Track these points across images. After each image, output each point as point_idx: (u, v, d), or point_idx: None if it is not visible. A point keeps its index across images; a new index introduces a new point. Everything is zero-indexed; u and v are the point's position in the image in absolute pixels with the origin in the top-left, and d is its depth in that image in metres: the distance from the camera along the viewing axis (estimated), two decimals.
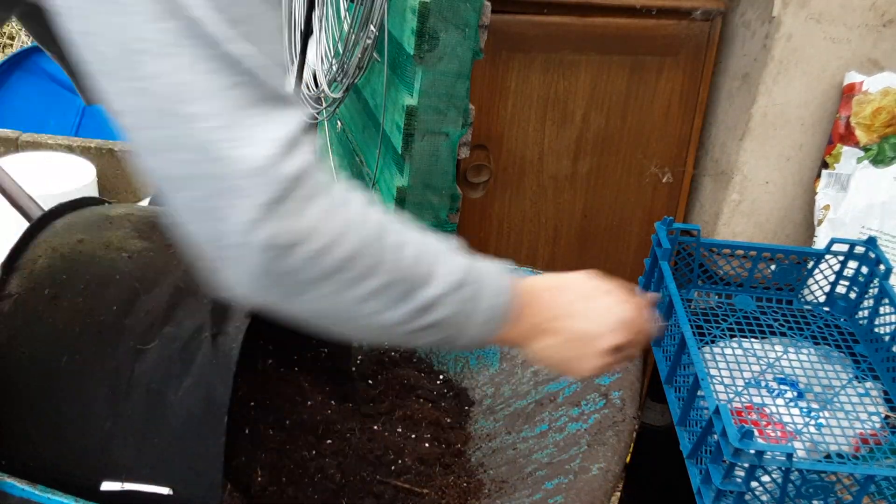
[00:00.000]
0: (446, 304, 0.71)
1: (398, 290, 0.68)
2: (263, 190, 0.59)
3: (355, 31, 1.59)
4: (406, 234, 0.70)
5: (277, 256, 0.61)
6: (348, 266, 0.64)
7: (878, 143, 1.51)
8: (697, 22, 1.60)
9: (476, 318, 0.74)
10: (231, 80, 0.58)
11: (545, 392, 1.21)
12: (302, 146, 0.61)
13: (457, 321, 0.73)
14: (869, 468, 1.02)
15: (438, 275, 0.71)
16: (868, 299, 1.33)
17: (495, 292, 0.76)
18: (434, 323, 0.71)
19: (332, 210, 0.64)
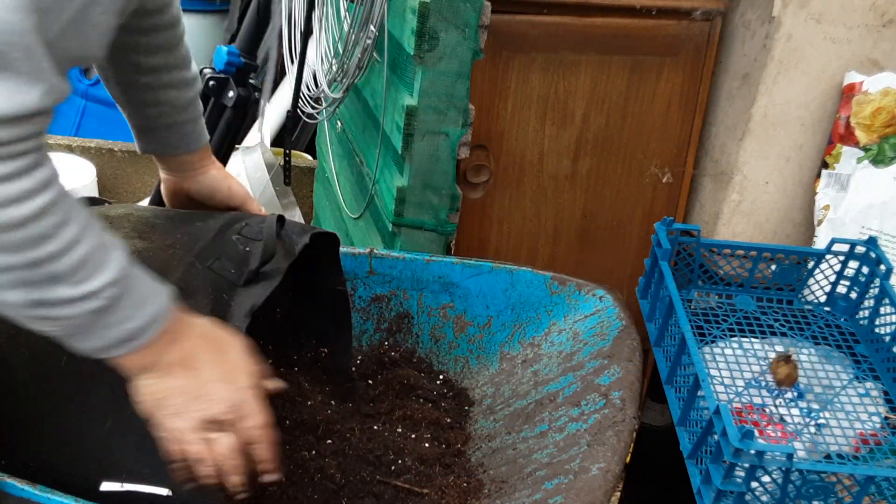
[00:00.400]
0: (74, 308, 0.76)
1: (33, 276, 0.73)
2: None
3: (355, 31, 1.59)
4: (85, 235, 0.76)
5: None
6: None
7: (877, 144, 1.51)
8: (697, 22, 1.60)
9: (111, 334, 0.79)
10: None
11: (545, 392, 1.21)
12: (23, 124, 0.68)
13: (82, 329, 0.78)
14: (869, 469, 1.02)
15: (84, 279, 0.76)
16: (868, 299, 1.33)
17: (137, 317, 0.81)
18: (49, 318, 0.76)
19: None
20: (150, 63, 1.11)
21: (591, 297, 1.27)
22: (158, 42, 1.10)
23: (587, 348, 1.22)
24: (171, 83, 1.13)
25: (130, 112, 1.16)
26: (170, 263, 1.00)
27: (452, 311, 1.37)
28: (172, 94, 1.14)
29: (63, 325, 0.78)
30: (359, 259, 1.37)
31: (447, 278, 1.35)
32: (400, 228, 1.59)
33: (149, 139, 1.17)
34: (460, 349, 1.37)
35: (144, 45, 1.09)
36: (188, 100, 1.16)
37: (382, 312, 1.39)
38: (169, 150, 1.18)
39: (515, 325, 1.33)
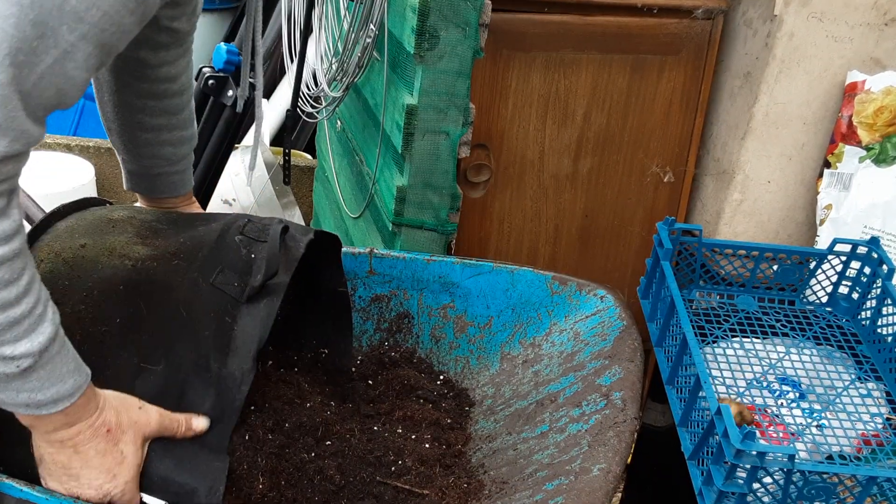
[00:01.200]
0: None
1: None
2: None
3: (355, 29, 1.59)
4: (23, 299, 0.78)
5: None
6: None
7: (880, 143, 1.50)
8: (699, 20, 1.60)
9: (14, 397, 0.82)
10: None
11: (546, 393, 1.21)
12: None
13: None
14: (871, 469, 1.01)
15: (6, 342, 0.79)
16: (871, 300, 1.32)
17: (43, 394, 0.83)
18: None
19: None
20: (153, 123, 1.17)
21: (593, 298, 1.27)
22: (164, 107, 1.17)
23: (588, 348, 1.22)
24: (169, 141, 1.20)
25: (125, 157, 1.23)
26: (173, 279, 1.01)
27: (453, 311, 1.36)
28: (168, 151, 1.21)
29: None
30: (359, 259, 1.36)
31: (448, 278, 1.35)
32: (400, 228, 1.59)
33: (137, 182, 1.24)
34: (461, 349, 1.36)
35: (151, 108, 1.16)
36: (182, 155, 1.23)
37: (382, 312, 1.39)
38: (155, 194, 1.26)
39: (516, 325, 1.33)
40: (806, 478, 0.95)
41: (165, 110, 1.18)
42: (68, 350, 0.86)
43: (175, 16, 1.08)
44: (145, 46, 1.09)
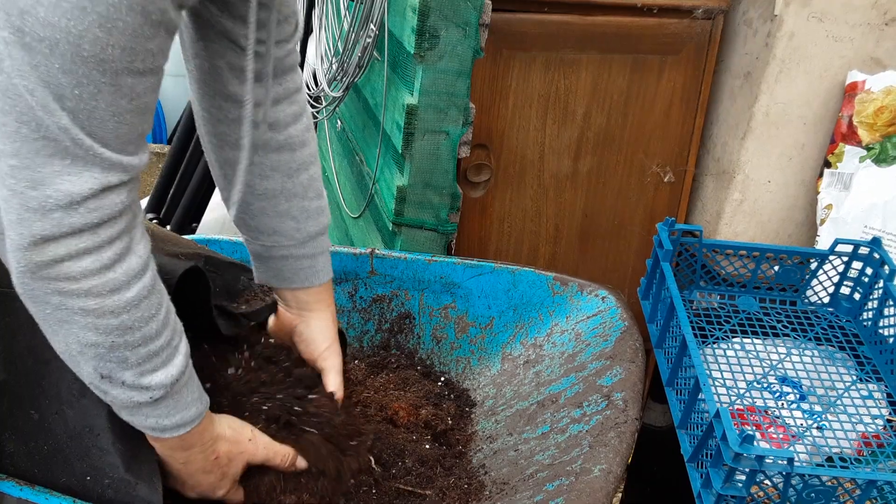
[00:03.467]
0: (126, 393, 0.83)
1: (110, 356, 0.80)
2: (38, 229, 0.73)
3: (355, 29, 1.59)
4: (162, 332, 0.83)
5: (36, 271, 0.75)
6: (94, 313, 0.77)
7: (880, 143, 1.50)
8: (699, 20, 1.59)
9: (143, 421, 0.87)
10: (37, 134, 0.70)
11: (547, 393, 1.21)
12: (89, 203, 0.74)
13: (124, 407, 0.86)
14: (871, 473, 1.01)
15: (146, 371, 0.83)
16: (872, 300, 1.32)
17: (173, 421, 0.88)
18: (104, 391, 0.84)
19: (97, 270, 0.76)
20: (264, 186, 1.04)
21: (594, 298, 1.27)
22: (273, 164, 1.04)
23: (589, 349, 1.22)
24: (289, 213, 1.06)
25: (246, 237, 1.10)
26: None
27: (454, 311, 1.36)
28: (290, 226, 1.07)
29: (113, 401, 0.85)
30: (360, 259, 1.36)
31: (449, 278, 1.35)
32: (400, 228, 1.59)
33: (263, 268, 1.11)
34: (462, 350, 1.36)
35: (257, 166, 1.03)
36: (308, 234, 1.08)
37: (384, 313, 1.39)
38: (281, 284, 1.11)
39: (517, 325, 1.33)
40: (805, 481, 0.95)
41: (276, 168, 1.04)
42: (194, 379, 0.90)
43: (262, 39, 0.94)
44: (231, 76, 0.97)
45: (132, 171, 0.77)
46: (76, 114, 0.70)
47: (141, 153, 0.78)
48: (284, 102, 1.04)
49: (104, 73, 0.70)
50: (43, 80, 0.68)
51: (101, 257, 0.75)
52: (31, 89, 0.68)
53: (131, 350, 0.81)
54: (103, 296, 0.76)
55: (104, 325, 0.78)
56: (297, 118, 1.05)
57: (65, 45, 0.67)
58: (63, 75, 0.69)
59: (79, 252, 0.74)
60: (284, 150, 1.04)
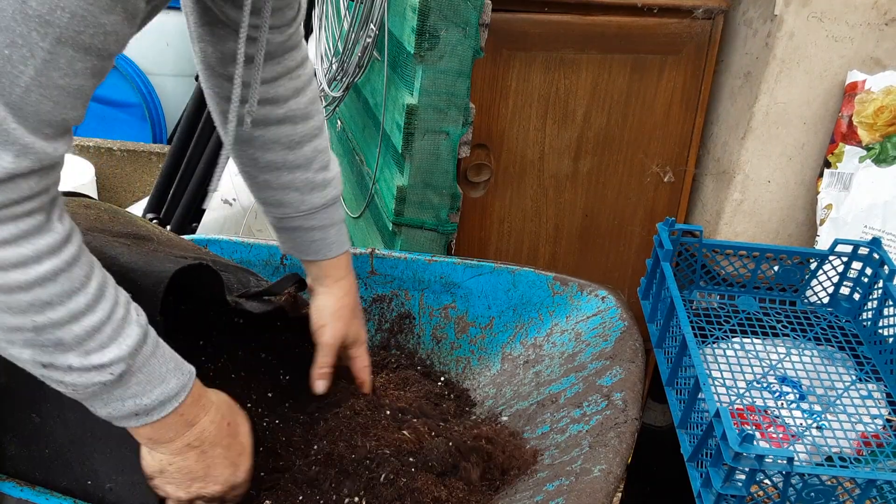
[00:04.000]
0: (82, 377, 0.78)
1: (41, 340, 0.75)
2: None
3: (355, 29, 1.59)
4: (97, 307, 0.77)
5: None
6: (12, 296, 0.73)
7: (880, 143, 1.50)
8: (699, 20, 1.59)
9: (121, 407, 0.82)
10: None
11: (547, 393, 1.21)
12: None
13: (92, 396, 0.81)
14: (871, 472, 1.01)
15: (92, 350, 0.78)
16: (872, 301, 1.32)
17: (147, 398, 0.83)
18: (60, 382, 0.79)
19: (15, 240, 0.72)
20: (267, 159, 1.06)
21: (594, 298, 1.27)
22: (274, 137, 1.05)
23: (589, 349, 1.22)
24: (292, 185, 1.07)
25: (261, 209, 1.12)
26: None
27: (454, 311, 1.36)
28: (294, 197, 1.08)
29: (74, 390, 0.80)
30: (360, 259, 1.36)
31: (449, 278, 1.35)
32: (400, 228, 1.59)
33: (282, 238, 1.13)
34: (462, 350, 1.36)
35: (259, 140, 1.04)
36: (313, 205, 1.09)
37: (384, 313, 1.39)
38: (299, 255, 1.13)
39: (517, 325, 1.33)
40: (805, 480, 0.95)
41: (277, 141, 1.05)
42: (163, 350, 0.85)
43: (257, 24, 0.94)
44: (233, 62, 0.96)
45: (46, 160, 0.71)
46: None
47: (58, 142, 0.72)
48: (284, 78, 1.05)
49: (44, 36, 0.65)
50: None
51: (5, 233, 0.71)
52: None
53: (62, 329, 0.75)
54: (5, 270, 0.71)
55: (15, 302, 0.72)
56: (299, 92, 1.06)
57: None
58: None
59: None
60: (285, 123, 1.05)
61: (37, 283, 0.73)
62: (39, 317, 0.74)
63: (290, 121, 1.06)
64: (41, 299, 0.74)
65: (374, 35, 1.57)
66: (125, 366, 0.80)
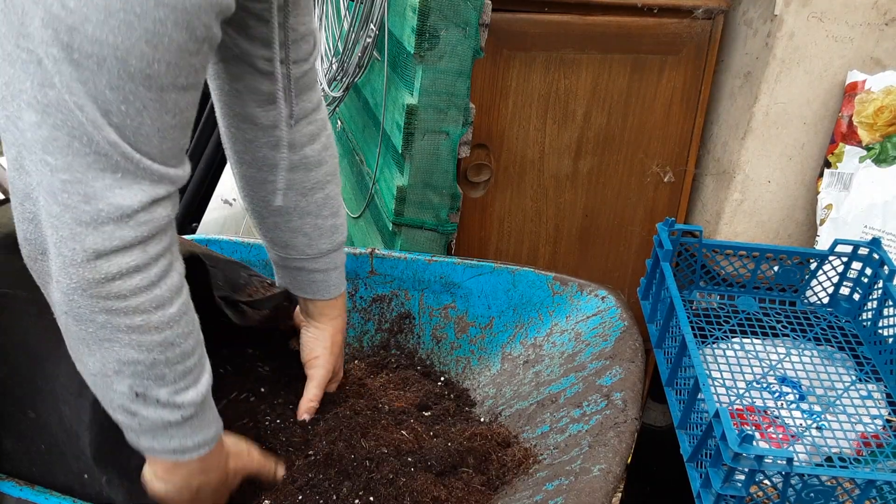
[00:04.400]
0: (158, 412, 0.83)
1: (148, 373, 0.80)
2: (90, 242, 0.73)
3: (355, 29, 1.59)
4: (196, 349, 0.83)
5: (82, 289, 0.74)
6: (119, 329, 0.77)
7: (880, 143, 1.50)
8: (699, 20, 1.59)
9: (166, 444, 0.86)
10: (88, 149, 0.70)
11: (547, 393, 1.21)
12: (140, 216, 0.74)
13: (143, 430, 0.84)
14: (870, 473, 1.01)
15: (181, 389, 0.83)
16: (871, 301, 1.32)
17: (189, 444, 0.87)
18: (132, 413, 0.83)
19: (146, 286, 0.76)
20: (277, 203, 1.07)
21: (594, 298, 1.27)
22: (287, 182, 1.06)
23: (589, 349, 1.22)
24: (301, 230, 1.09)
25: (266, 245, 1.14)
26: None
27: (454, 311, 1.36)
28: (302, 241, 1.10)
29: (140, 423, 0.83)
30: (360, 259, 1.36)
31: (449, 278, 1.35)
32: (400, 228, 1.59)
33: (280, 273, 1.15)
34: (462, 350, 1.36)
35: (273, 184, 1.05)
36: (320, 250, 1.11)
37: (384, 313, 1.39)
38: (297, 291, 1.15)
39: (517, 325, 1.33)
40: (804, 481, 0.95)
41: (290, 187, 1.06)
42: (211, 396, 0.89)
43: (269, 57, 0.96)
44: (251, 100, 1.00)
45: (178, 182, 0.77)
46: (122, 129, 0.71)
47: (184, 166, 0.78)
48: (302, 122, 1.05)
49: (150, 88, 0.71)
50: (91, 96, 0.69)
51: (149, 274, 0.76)
52: (80, 105, 0.69)
53: (170, 367, 0.81)
54: (149, 312, 0.77)
55: (147, 341, 0.78)
56: (314, 138, 1.07)
57: (112, 61, 0.68)
58: (110, 91, 0.69)
59: (129, 269, 0.75)
60: (299, 170, 1.06)
61: (168, 324, 0.79)
62: (161, 355, 0.79)
63: (304, 167, 1.07)
64: (168, 339, 0.79)
65: (374, 35, 1.57)
66: (194, 409, 0.85)
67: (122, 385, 0.80)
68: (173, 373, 0.81)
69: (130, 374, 0.79)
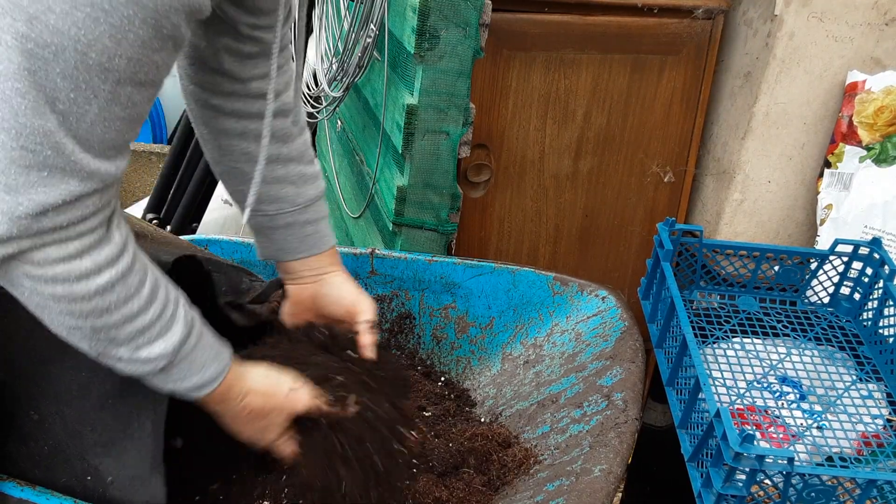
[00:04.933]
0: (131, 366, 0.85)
1: (98, 337, 0.81)
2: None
3: (355, 29, 1.59)
4: (147, 308, 0.83)
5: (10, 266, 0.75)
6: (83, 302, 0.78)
7: (880, 143, 1.50)
8: (699, 20, 1.59)
9: (162, 386, 0.88)
10: (16, 143, 0.69)
11: (547, 393, 1.21)
12: (61, 209, 0.73)
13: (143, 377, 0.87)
14: (871, 472, 1.01)
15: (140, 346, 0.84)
16: (872, 301, 1.32)
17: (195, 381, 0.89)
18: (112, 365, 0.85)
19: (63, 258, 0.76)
20: (263, 148, 1.04)
21: (594, 298, 1.27)
22: (271, 129, 1.04)
23: (589, 349, 1.22)
24: (287, 178, 1.07)
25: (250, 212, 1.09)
26: None
27: (454, 311, 1.36)
28: (290, 191, 1.08)
29: (128, 372, 0.86)
30: (360, 259, 1.36)
31: (449, 278, 1.35)
32: (400, 228, 1.59)
33: (267, 241, 1.12)
34: (462, 350, 1.36)
35: (253, 132, 1.04)
36: (309, 197, 1.09)
37: (384, 313, 1.39)
38: (289, 255, 1.11)
39: (517, 325, 1.33)
40: (805, 480, 0.95)
41: (272, 135, 1.05)
42: (206, 341, 0.90)
43: (258, 24, 0.97)
44: (228, 56, 0.99)
45: (108, 179, 0.77)
46: (66, 116, 0.70)
47: (120, 159, 0.78)
48: (280, 71, 1.05)
49: (105, 80, 0.70)
50: (38, 84, 0.68)
51: (67, 248, 0.76)
52: (23, 92, 0.68)
53: (116, 329, 0.81)
54: (70, 282, 0.77)
55: (77, 309, 0.78)
56: (289, 86, 1.08)
57: (70, 52, 0.68)
58: (62, 80, 0.69)
59: (44, 244, 0.75)
60: (279, 117, 1.06)
61: (97, 293, 0.78)
62: (97, 321, 0.80)
63: (283, 114, 1.07)
64: (100, 307, 0.79)
65: (375, 35, 1.57)
66: (167, 360, 0.85)
67: (82, 344, 0.82)
68: (123, 333, 0.82)
69: (80, 338, 0.81)
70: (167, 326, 0.85)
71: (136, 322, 0.82)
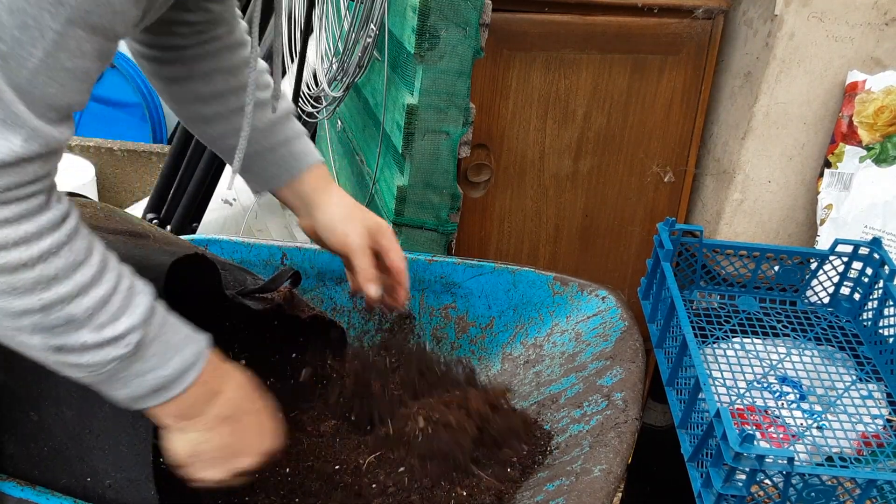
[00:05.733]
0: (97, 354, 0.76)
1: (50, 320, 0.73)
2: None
3: (355, 29, 1.59)
4: (103, 278, 0.76)
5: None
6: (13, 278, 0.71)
7: (880, 143, 1.50)
8: (699, 20, 1.59)
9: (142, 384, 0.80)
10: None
11: (547, 393, 1.21)
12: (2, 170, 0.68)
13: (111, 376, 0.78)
14: (871, 472, 1.01)
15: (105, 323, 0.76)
16: (872, 301, 1.32)
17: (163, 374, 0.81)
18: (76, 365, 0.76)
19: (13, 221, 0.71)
20: (210, 90, 1.04)
21: (594, 298, 1.27)
22: (214, 66, 1.04)
23: (589, 349, 1.22)
24: (240, 108, 1.02)
25: (221, 151, 1.09)
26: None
27: (454, 311, 1.36)
28: (264, 113, 1.06)
29: (91, 371, 0.77)
30: None
31: (449, 278, 1.35)
32: (400, 228, 1.59)
33: (250, 176, 1.09)
34: (462, 350, 1.36)
35: (199, 72, 1.03)
36: (271, 120, 1.07)
37: (384, 313, 1.39)
38: (273, 183, 1.09)
39: (517, 325, 1.33)
40: (805, 480, 0.95)
41: (216, 70, 1.04)
42: (174, 319, 0.83)
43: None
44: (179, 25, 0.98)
45: (53, 143, 0.71)
46: (7, 59, 0.65)
47: (63, 126, 0.72)
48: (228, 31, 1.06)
49: (56, 17, 0.65)
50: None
51: (2, 211, 0.70)
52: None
53: (70, 303, 0.74)
54: (7, 248, 0.70)
55: (21, 281, 0.71)
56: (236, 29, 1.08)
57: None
58: (8, 15, 0.64)
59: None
60: (223, 52, 1.05)
61: (41, 258, 0.72)
62: (46, 293, 0.72)
63: (228, 48, 1.05)
64: (46, 275, 0.72)
65: (374, 35, 1.57)
66: (140, 334, 0.78)
67: (34, 340, 0.74)
68: (80, 308, 0.74)
69: (32, 329, 0.73)
70: (129, 297, 0.78)
71: (92, 292, 0.75)
